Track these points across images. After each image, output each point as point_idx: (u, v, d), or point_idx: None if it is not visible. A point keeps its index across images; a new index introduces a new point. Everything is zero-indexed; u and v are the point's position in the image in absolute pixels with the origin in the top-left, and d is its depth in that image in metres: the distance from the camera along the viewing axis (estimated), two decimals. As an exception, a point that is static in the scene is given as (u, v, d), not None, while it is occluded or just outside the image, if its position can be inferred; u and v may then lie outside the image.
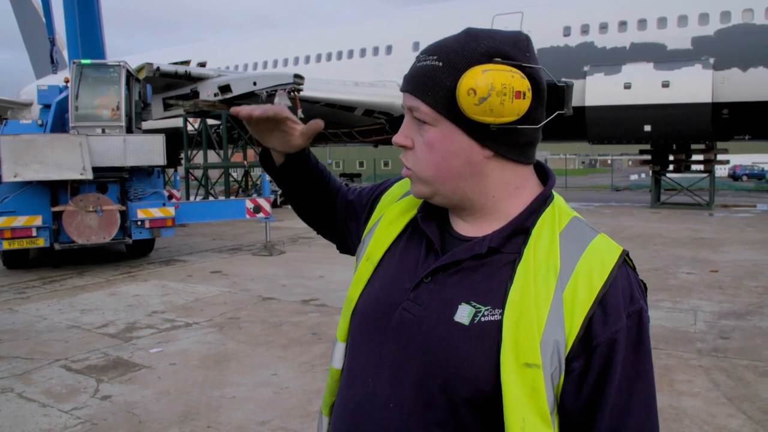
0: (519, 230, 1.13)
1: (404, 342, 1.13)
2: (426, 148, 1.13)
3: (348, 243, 1.51)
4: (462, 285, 1.12)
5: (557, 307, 1.03)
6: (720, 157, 22.14)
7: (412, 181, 1.20)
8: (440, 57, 1.11)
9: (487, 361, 1.04)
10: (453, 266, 1.14)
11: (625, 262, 1.11)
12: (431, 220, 1.23)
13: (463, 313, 1.08)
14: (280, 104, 1.34)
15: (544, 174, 1.23)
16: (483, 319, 1.07)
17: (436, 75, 1.10)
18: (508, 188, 1.16)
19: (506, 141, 1.12)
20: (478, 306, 1.08)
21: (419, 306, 1.13)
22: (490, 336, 1.05)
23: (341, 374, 1.28)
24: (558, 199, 1.19)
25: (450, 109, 1.09)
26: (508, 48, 1.09)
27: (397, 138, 1.18)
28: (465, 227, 1.20)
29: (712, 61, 18.64)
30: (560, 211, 1.15)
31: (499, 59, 1.08)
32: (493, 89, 1.04)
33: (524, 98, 1.06)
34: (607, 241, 1.12)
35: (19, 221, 10.20)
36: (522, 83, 1.06)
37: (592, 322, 1.03)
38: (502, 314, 1.05)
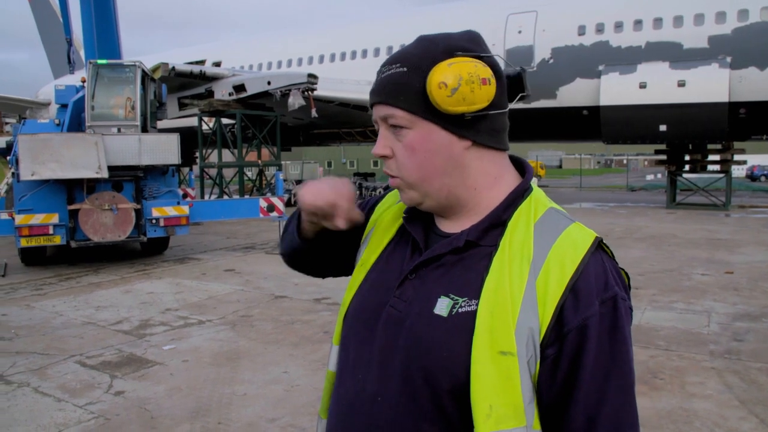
0: (496, 223, 1.16)
1: (391, 337, 1.16)
2: (407, 151, 1.16)
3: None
4: (442, 279, 1.15)
5: (531, 295, 1.06)
6: (737, 157, 21.93)
7: (401, 189, 1.22)
8: (403, 63, 1.15)
9: (464, 351, 1.07)
10: (434, 261, 1.18)
11: (600, 248, 1.13)
12: (416, 222, 1.27)
13: (442, 306, 1.12)
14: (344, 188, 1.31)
15: (521, 168, 1.27)
16: (460, 310, 1.10)
17: (404, 80, 1.14)
18: (488, 178, 1.19)
19: (482, 128, 1.16)
20: (456, 298, 1.11)
21: (404, 302, 1.17)
22: (466, 326, 1.08)
23: (335, 375, 1.31)
24: (537, 191, 1.22)
25: (424, 109, 1.13)
26: (465, 43, 1.16)
27: (376, 149, 1.20)
28: (448, 225, 1.23)
29: (729, 59, 18.44)
30: (537, 202, 1.18)
31: (460, 53, 1.13)
32: (462, 79, 1.09)
33: (490, 84, 1.12)
34: (581, 229, 1.14)
35: (37, 219, 10.34)
36: (485, 70, 1.12)
37: (563, 309, 1.05)
38: (478, 304, 1.08)
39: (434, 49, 1.14)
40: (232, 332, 6.80)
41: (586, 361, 1.05)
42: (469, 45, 1.15)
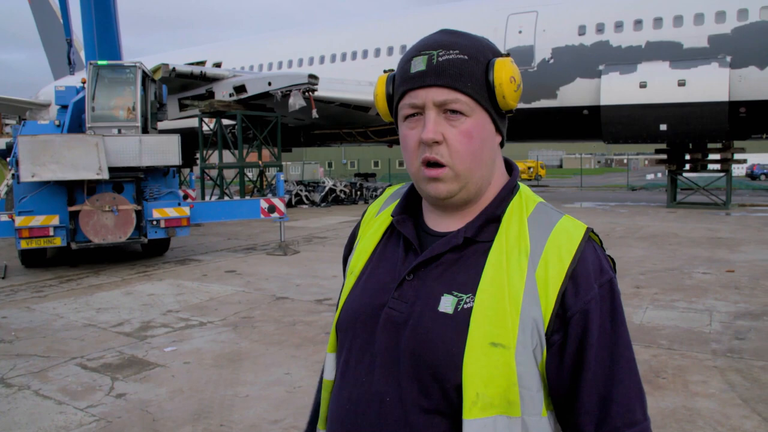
0: (491, 219, 1.20)
1: (394, 338, 1.17)
2: (463, 138, 1.16)
3: None
4: (443, 277, 1.17)
5: (531, 286, 1.10)
6: (737, 156, 21.90)
7: (443, 180, 1.17)
8: (462, 51, 1.16)
9: None
10: (433, 261, 1.19)
11: (590, 238, 1.18)
12: (406, 222, 1.28)
13: (447, 303, 1.14)
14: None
15: (506, 165, 1.31)
16: (465, 306, 1.12)
17: (468, 67, 1.16)
18: (497, 174, 1.25)
19: (506, 126, 1.24)
20: (460, 295, 1.14)
21: (405, 303, 1.18)
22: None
23: (333, 383, 1.31)
24: (524, 187, 1.26)
25: (485, 98, 1.16)
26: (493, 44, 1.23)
27: (429, 134, 1.15)
28: (439, 223, 1.25)
29: (729, 59, 18.45)
30: (527, 198, 1.23)
31: (500, 53, 1.20)
32: (519, 77, 1.18)
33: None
34: (572, 221, 1.19)
35: (37, 221, 10.32)
36: None
37: (565, 295, 1.10)
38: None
39: (481, 43, 1.20)
40: (233, 334, 6.79)
41: (592, 342, 1.10)
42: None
